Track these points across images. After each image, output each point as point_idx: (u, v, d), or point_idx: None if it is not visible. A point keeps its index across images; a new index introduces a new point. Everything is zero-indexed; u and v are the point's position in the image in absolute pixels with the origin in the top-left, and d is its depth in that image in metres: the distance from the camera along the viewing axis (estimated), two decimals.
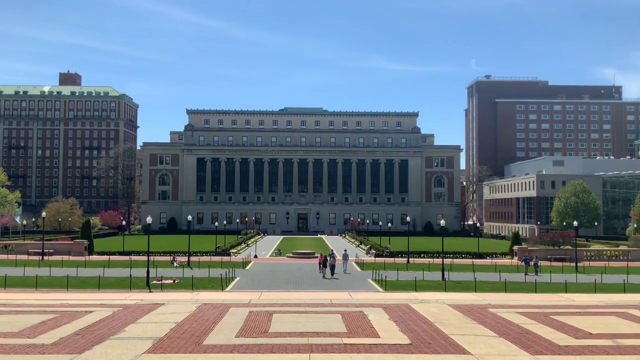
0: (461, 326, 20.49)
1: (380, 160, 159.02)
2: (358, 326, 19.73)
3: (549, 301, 29.73)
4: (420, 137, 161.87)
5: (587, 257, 69.99)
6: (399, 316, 22.17)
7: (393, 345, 16.84)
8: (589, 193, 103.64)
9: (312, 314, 22.29)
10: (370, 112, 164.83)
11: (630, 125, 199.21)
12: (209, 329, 18.75)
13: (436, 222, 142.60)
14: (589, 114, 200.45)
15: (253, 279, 48.88)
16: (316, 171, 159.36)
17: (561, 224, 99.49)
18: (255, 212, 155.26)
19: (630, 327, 21.35)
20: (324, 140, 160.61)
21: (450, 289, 39.66)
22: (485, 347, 17.08)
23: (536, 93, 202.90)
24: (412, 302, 26.92)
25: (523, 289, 40.62)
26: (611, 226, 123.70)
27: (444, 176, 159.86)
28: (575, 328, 20.75)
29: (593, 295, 34.47)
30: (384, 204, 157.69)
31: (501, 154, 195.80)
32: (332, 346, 16.39)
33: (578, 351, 16.95)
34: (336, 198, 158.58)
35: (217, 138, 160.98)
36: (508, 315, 23.46)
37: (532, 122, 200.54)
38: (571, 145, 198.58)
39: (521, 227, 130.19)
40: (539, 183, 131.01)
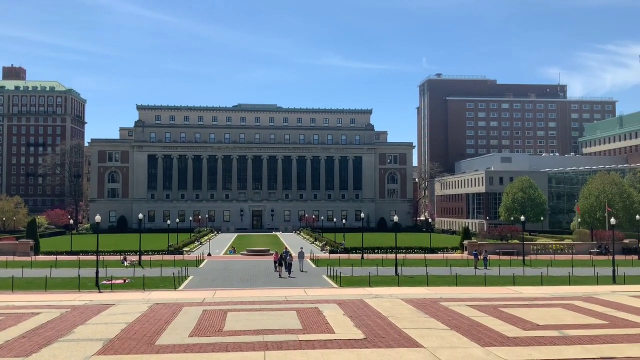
0: (414, 320, 20.83)
1: (334, 157, 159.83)
2: (313, 322, 19.78)
3: (498, 294, 30.59)
4: (373, 134, 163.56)
5: (534, 250, 72.31)
6: (353, 311, 22.35)
7: (348, 340, 16.97)
8: (535, 189, 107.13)
9: (267, 312, 22.22)
10: (324, 109, 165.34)
11: (575, 123, 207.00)
12: (161, 329, 18.43)
13: (389, 218, 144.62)
14: (536, 112, 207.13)
15: (207, 278, 48.29)
16: (270, 168, 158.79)
17: (509, 218, 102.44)
18: (208, 210, 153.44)
19: (575, 318, 22.19)
20: (278, 137, 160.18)
21: (404, 284, 40.29)
22: (438, 340, 17.42)
23: (485, 92, 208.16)
24: (366, 297, 27.18)
25: (473, 282, 41.66)
26: (556, 220, 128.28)
27: (397, 173, 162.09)
28: (523, 320, 21.41)
29: (540, 287, 35.67)
30: (338, 200, 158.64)
31: (452, 151, 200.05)
32: (288, 343, 16.39)
33: (526, 342, 17.49)
34: (291, 195, 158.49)
35: (169, 134, 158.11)
36: (459, 308, 23.99)
37: (481, 120, 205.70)
38: (518, 143, 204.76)
39: (471, 222, 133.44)
40: (487, 179, 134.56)
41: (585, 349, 16.59)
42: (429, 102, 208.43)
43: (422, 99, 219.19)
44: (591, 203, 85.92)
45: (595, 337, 18.38)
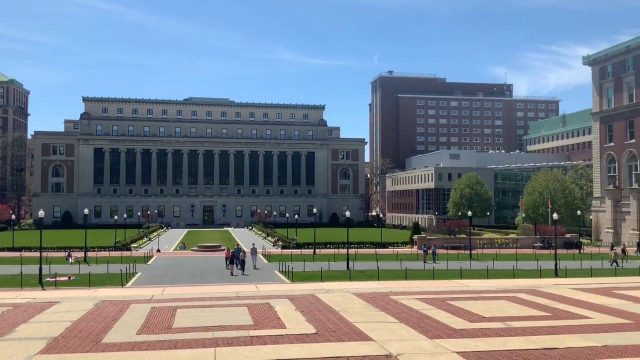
0: (365, 314, 21.08)
1: (287, 152, 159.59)
2: (264, 318, 19.74)
3: (445, 287, 31.29)
4: (326, 130, 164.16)
5: (481, 245, 74.30)
6: (305, 306, 22.42)
7: (299, 335, 17.02)
8: (482, 185, 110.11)
9: (218, 308, 22.02)
10: (277, 104, 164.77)
11: (520, 122, 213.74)
12: (108, 326, 17.99)
13: (342, 213, 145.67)
14: (483, 111, 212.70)
15: (156, 274, 47.37)
16: (222, 163, 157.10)
17: (457, 214, 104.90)
18: (158, 205, 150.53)
19: (520, 310, 22.95)
20: (231, 131, 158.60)
21: (355, 278, 40.68)
22: (387, 333, 17.68)
23: (435, 89, 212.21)
24: (318, 292, 27.30)
25: (422, 276, 42.46)
26: (502, 216, 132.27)
27: (349, 168, 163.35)
28: (470, 312, 21.99)
29: (486, 281, 36.69)
30: (291, 195, 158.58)
31: (403, 147, 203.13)
32: (239, 339, 16.29)
33: (472, 334, 17.97)
34: (243, 190, 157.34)
35: (117, 127, 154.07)
36: (408, 301, 24.42)
37: (431, 117, 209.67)
38: (466, 140, 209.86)
39: (421, 217, 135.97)
40: (436, 175, 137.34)
41: (528, 340, 17.17)
42: (380, 99, 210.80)
43: (374, 95, 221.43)
44: (535, 199, 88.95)
45: (538, 328, 19.06)
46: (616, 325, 20.00)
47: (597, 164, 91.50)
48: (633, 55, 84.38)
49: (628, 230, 77.36)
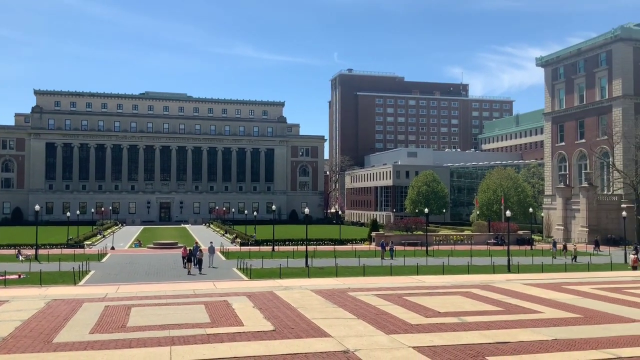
0: (323, 310, 21.15)
1: (246, 149, 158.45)
2: (222, 315, 19.57)
3: (402, 283, 31.69)
4: (286, 127, 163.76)
5: (437, 241, 75.60)
6: (263, 304, 22.34)
7: (257, 332, 16.94)
8: (439, 182, 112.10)
9: (174, 306, 21.71)
10: (236, 100, 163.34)
11: (475, 121, 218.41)
12: (60, 326, 17.49)
13: (301, 210, 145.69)
14: (440, 110, 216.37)
15: (110, 272, 46.32)
16: (180, 159, 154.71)
17: (414, 211, 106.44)
18: (112, 202, 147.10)
19: (474, 305, 23.45)
20: (188, 127, 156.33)
21: (314, 275, 40.78)
22: (345, 329, 17.79)
23: (394, 88, 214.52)
24: (276, 289, 27.23)
25: (380, 272, 42.90)
26: (457, 213, 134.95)
27: (309, 165, 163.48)
28: (426, 307, 22.35)
29: (441, 276, 37.33)
30: (250, 192, 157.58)
31: (362, 145, 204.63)
32: (195, 337, 16.10)
33: (428, 329, 18.27)
34: (201, 187, 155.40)
35: (70, 122, 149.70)
36: (366, 297, 24.63)
37: (390, 115, 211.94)
38: (424, 138, 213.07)
39: (379, 214, 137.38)
40: (394, 173, 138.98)
41: (482, 335, 17.57)
42: (340, 97, 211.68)
43: (333, 93, 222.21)
44: (489, 196, 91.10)
45: (491, 323, 19.53)
46: (566, 319, 20.69)
47: (549, 163, 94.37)
48: (584, 57, 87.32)
49: (578, 227, 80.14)
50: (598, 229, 76.95)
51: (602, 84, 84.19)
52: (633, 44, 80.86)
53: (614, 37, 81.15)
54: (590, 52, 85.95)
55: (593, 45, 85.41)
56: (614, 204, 77.67)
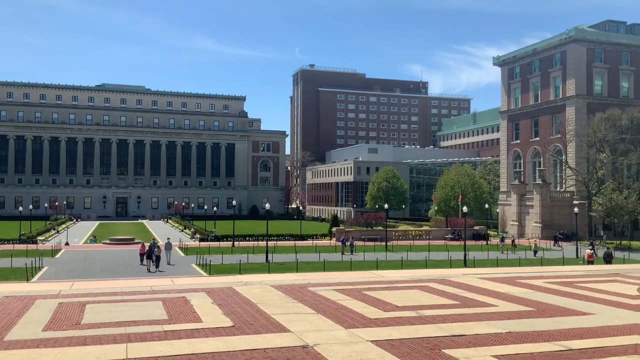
0: (282, 305, 21.16)
1: (206, 143, 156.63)
2: (180, 312, 19.36)
3: (362, 278, 31.99)
4: (247, 122, 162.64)
5: (396, 236, 76.51)
6: (222, 299, 22.19)
7: (216, 328, 16.83)
8: (398, 178, 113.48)
9: (131, 303, 21.35)
10: (196, 93, 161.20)
11: (434, 118, 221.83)
12: (11, 323, 16.97)
13: (262, 205, 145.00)
14: (400, 107, 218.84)
15: (64, 268, 45.12)
16: (137, 153, 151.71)
17: (374, 206, 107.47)
18: (67, 196, 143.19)
19: (431, 299, 23.88)
20: (147, 120, 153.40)
21: (274, 271, 40.70)
22: (305, 324, 17.84)
23: (355, 84, 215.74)
24: (236, 285, 27.09)
25: (340, 267, 43.16)
26: (416, 208, 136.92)
27: (270, 161, 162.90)
28: (384, 302, 22.63)
29: (400, 271, 37.87)
30: (209, 187, 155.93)
31: (323, 141, 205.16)
32: (152, 334, 15.87)
33: (386, 323, 18.50)
34: (159, 181, 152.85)
35: (22, 113, 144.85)
36: (326, 292, 24.76)
37: (351, 112, 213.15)
38: (384, 135, 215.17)
39: (340, 209, 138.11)
40: (355, 169, 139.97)
41: (438, 328, 17.91)
42: (302, 92, 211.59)
43: (295, 88, 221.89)
44: (447, 193, 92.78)
45: (447, 316, 19.92)
46: (519, 312, 21.28)
47: (504, 160, 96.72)
48: (539, 57, 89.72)
49: (531, 222, 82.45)
50: (551, 224, 79.34)
51: (557, 84, 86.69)
52: (586, 45, 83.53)
53: (568, 38, 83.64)
54: (545, 52, 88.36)
55: (548, 45, 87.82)
56: (566, 201, 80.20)
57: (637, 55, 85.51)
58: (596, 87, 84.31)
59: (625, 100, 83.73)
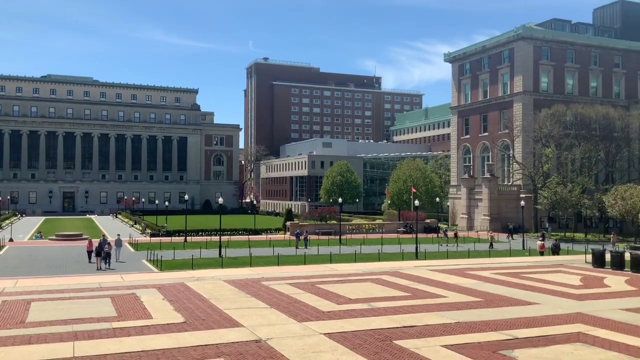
0: (235, 300, 21.05)
1: (157, 136, 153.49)
2: (129, 309, 18.99)
3: (316, 272, 32.16)
4: (199, 115, 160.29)
5: (350, 230, 77.15)
6: (173, 295, 21.90)
7: (166, 325, 16.60)
8: (352, 173, 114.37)
9: (78, 300, 20.80)
10: (147, 85, 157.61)
11: (387, 113, 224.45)
12: None
13: (215, 200, 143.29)
14: (354, 101, 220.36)
15: (7, 265, 43.44)
16: (85, 146, 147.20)
17: (328, 200, 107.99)
18: (11, 191, 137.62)
19: (383, 291, 24.23)
20: (95, 112, 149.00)
21: (227, 265, 40.34)
22: (258, 318, 17.81)
23: (309, 79, 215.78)
24: (188, 280, 26.78)
25: (294, 261, 43.21)
26: (370, 202, 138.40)
27: (224, 155, 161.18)
28: (338, 295, 22.84)
29: (353, 264, 38.23)
30: (161, 182, 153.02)
31: (277, 135, 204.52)
32: (100, 332, 15.52)
33: (339, 315, 18.67)
34: (108, 176, 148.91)
35: None
36: (279, 286, 24.77)
37: (305, 106, 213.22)
38: (338, 129, 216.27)
39: (294, 204, 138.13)
40: (310, 163, 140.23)
41: (390, 319, 18.20)
42: (256, 86, 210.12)
43: (249, 81, 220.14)
44: (399, 187, 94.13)
45: (399, 308, 20.28)
46: (468, 303, 21.87)
47: (455, 155, 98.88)
48: (488, 54, 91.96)
49: (480, 216, 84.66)
50: (499, 217, 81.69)
51: (505, 80, 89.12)
52: (533, 42, 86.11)
53: (516, 36, 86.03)
54: (494, 49, 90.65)
55: (497, 43, 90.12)
56: (513, 194, 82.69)
57: (581, 54, 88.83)
58: (542, 84, 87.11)
59: (570, 97, 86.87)
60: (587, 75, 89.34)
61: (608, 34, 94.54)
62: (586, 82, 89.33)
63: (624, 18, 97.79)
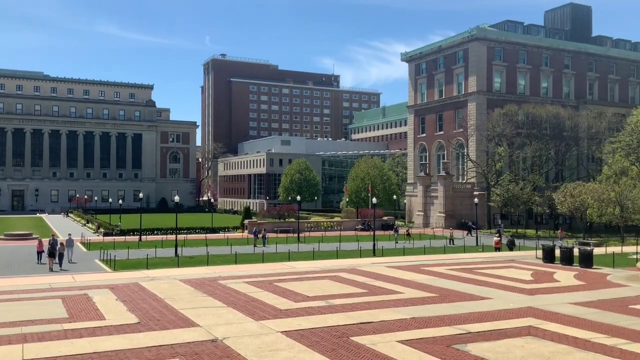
0: (191, 300, 20.80)
1: (111, 133, 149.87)
2: (81, 310, 18.53)
3: (274, 270, 32.10)
4: (155, 111, 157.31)
5: (308, 228, 77.27)
6: (127, 295, 21.48)
7: (120, 326, 16.27)
8: (311, 170, 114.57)
9: (28, 301, 20.16)
10: (100, 80, 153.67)
11: (346, 111, 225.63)
12: None
13: (171, 198, 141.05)
14: (313, 99, 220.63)
15: None
16: (35, 143, 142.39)
17: (287, 198, 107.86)
18: None
19: (340, 288, 24.38)
20: (45, 108, 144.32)
21: (183, 265, 39.78)
22: (214, 317, 17.65)
23: (268, 76, 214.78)
24: (142, 280, 26.32)
25: (252, 260, 42.98)
26: (328, 200, 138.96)
27: (180, 152, 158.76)
28: (295, 292, 22.85)
29: (312, 262, 38.32)
30: (115, 179, 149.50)
31: (235, 132, 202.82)
32: (51, 333, 15.09)
33: (297, 313, 18.69)
34: (59, 173, 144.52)
35: None
36: (237, 285, 24.61)
37: (264, 103, 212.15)
38: (297, 127, 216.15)
39: (252, 202, 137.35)
40: (268, 161, 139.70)
41: (347, 316, 18.33)
42: (213, 82, 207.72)
43: (206, 78, 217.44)
44: (357, 184, 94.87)
45: (356, 304, 20.45)
46: (423, 298, 22.24)
47: (411, 153, 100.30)
48: (444, 54, 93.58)
49: (436, 213, 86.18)
50: (453, 214, 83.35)
51: (459, 80, 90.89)
52: (487, 43, 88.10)
53: (470, 37, 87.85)
54: (449, 49, 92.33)
55: (452, 43, 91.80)
56: (467, 192, 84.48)
57: (532, 55, 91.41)
58: (495, 84, 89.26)
59: (522, 97, 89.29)
60: (538, 75, 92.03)
61: (559, 36, 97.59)
62: (537, 83, 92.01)
63: (574, 20, 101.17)
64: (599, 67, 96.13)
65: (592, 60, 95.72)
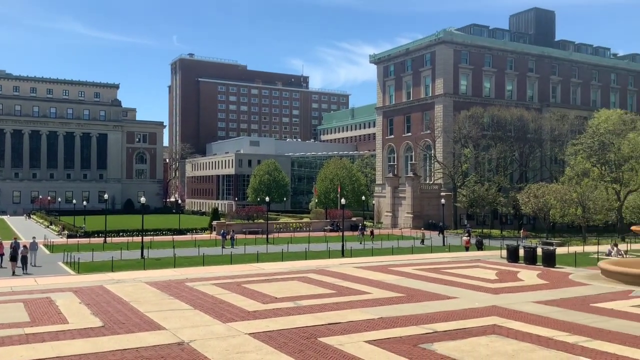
0: (157, 303, 20.53)
1: (75, 133, 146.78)
2: (44, 313, 18.10)
3: (242, 271, 31.92)
4: (121, 111, 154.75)
5: (277, 229, 77.09)
6: (91, 299, 21.08)
7: (83, 329, 15.95)
8: (280, 171, 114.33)
9: None
10: (64, 79, 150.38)
11: (315, 112, 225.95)
12: None
13: (137, 199, 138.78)
14: (282, 100, 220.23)
15: None
16: None
17: (256, 199, 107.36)
18: None
19: (309, 289, 24.39)
20: (7, 107, 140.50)
21: (149, 267, 39.21)
22: (180, 320, 17.45)
23: (236, 76, 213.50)
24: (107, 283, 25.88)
25: (220, 261, 42.63)
26: (297, 201, 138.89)
27: (147, 152, 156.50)
28: (264, 294, 22.78)
29: (280, 263, 38.23)
30: (79, 180, 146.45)
31: (204, 132, 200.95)
32: (12, 338, 14.71)
33: (265, 315, 18.63)
34: (22, 174, 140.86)
35: None
36: (204, 287, 24.39)
37: (232, 104, 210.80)
38: (266, 127, 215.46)
39: (221, 203, 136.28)
40: (237, 161, 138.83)
41: (315, 317, 18.35)
42: (181, 82, 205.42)
43: (174, 78, 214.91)
44: (326, 185, 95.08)
45: (324, 305, 20.49)
46: (391, 298, 22.42)
47: (380, 154, 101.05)
48: (411, 57, 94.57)
49: (404, 213, 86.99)
50: (421, 215, 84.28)
51: (427, 83, 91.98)
52: (454, 46, 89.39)
53: (437, 40, 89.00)
54: (417, 52, 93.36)
55: (419, 46, 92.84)
56: (434, 193, 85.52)
57: (497, 58, 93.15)
58: (462, 87, 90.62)
59: (487, 99, 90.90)
60: (503, 78, 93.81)
61: (523, 40, 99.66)
62: (502, 86, 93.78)
63: (538, 24, 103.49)
64: (561, 70, 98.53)
65: (555, 64, 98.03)
